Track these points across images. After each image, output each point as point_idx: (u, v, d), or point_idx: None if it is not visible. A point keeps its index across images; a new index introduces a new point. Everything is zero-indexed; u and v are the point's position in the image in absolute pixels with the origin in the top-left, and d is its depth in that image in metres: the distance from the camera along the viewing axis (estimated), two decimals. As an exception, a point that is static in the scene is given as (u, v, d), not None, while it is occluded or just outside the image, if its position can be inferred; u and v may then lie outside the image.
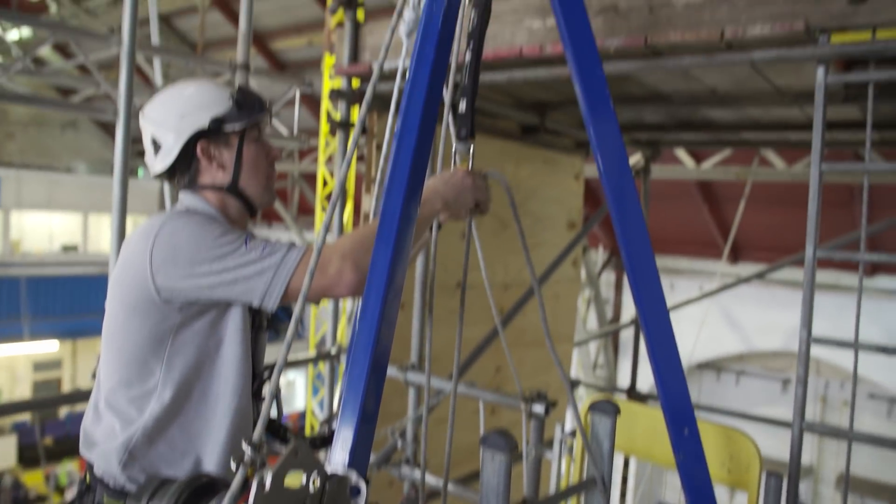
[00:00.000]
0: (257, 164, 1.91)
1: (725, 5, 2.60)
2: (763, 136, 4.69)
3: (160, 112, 1.86)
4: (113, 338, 1.75)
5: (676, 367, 1.67)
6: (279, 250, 1.66)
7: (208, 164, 1.86)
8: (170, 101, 1.87)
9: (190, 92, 1.87)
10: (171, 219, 1.72)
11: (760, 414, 6.26)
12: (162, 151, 1.85)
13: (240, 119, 1.85)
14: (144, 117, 1.89)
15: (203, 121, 1.82)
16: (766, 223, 9.56)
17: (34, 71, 3.08)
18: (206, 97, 1.85)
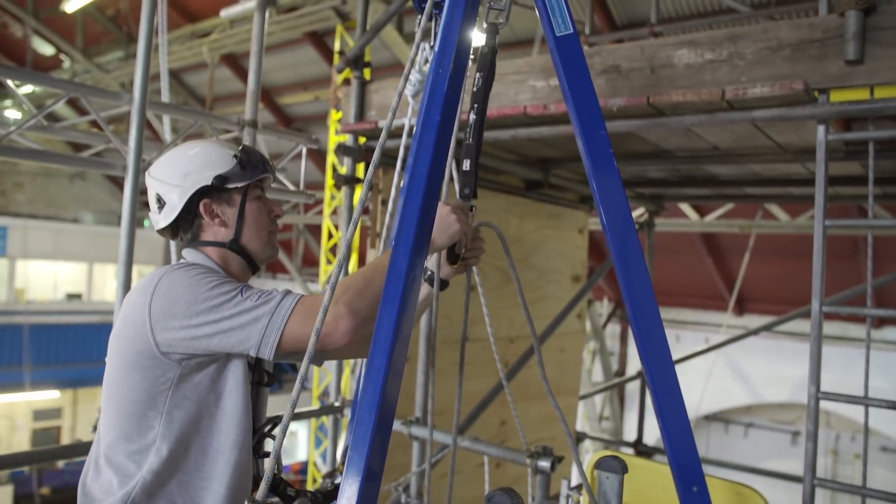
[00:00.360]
0: (259, 221, 1.94)
1: (725, 66, 2.66)
2: (766, 191, 4.73)
3: (165, 170, 1.90)
4: (113, 392, 1.75)
5: (683, 422, 1.67)
6: (274, 298, 1.67)
7: (210, 222, 1.89)
8: (175, 160, 1.91)
9: (194, 151, 1.91)
10: (169, 272, 1.75)
11: (770, 468, 6.17)
12: (166, 208, 1.88)
13: (242, 178, 1.89)
14: (150, 175, 1.93)
15: (206, 179, 1.85)
16: (772, 275, 9.58)
17: (45, 127, 3.14)
18: (210, 156, 1.89)
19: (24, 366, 14.41)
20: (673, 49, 2.78)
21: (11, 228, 16.47)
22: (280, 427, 1.26)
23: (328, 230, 8.99)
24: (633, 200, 5.47)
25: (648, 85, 2.81)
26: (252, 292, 1.69)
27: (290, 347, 1.65)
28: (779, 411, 10.85)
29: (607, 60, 2.94)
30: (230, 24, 10.59)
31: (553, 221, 4.94)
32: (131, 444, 1.71)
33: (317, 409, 3.97)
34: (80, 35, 13.33)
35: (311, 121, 12.97)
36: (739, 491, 2.32)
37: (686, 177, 4.54)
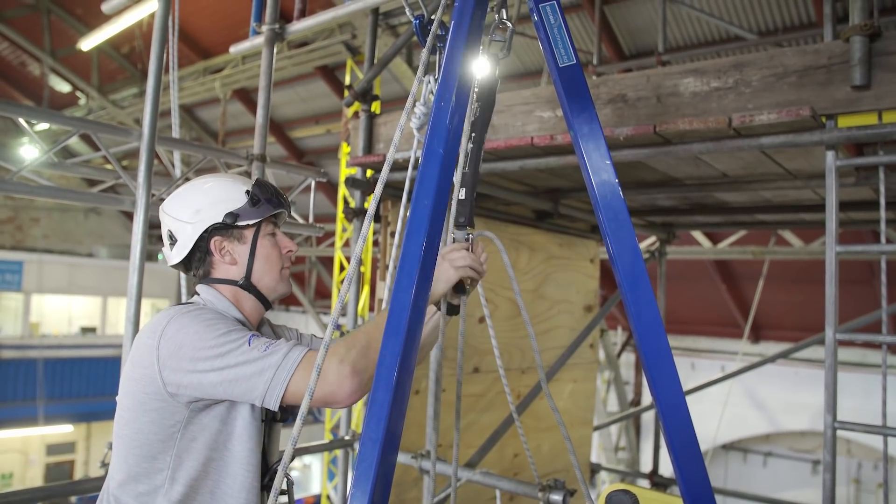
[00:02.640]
0: (270, 259, 1.92)
1: (732, 94, 2.66)
2: (777, 217, 4.70)
3: (177, 206, 1.88)
4: (123, 432, 1.74)
5: (695, 454, 1.63)
6: (280, 350, 1.64)
7: (221, 259, 1.88)
8: (187, 196, 1.89)
9: (207, 187, 1.90)
10: (178, 315, 1.73)
11: (791, 498, 6.06)
12: (178, 245, 1.87)
13: (254, 215, 1.87)
14: (163, 210, 1.92)
15: (216, 216, 1.84)
16: (787, 301, 9.49)
17: (57, 163, 3.17)
18: (222, 192, 1.88)
19: (37, 400, 14.44)
20: (679, 77, 2.79)
21: (27, 263, 16.61)
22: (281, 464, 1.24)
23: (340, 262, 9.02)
24: (644, 229, 5.45)
25: (655, 114, 2.81)
26: (259, 342, 1.67)
27: (293, 401, 1.64)
28: (798, 440, 10.67)
29: (613, 90, 2.94)
30: (242, 60, 10.73)
31: (564, 251, 4.93)
32: (140, 486, 1.70)
33: (327, 442, 3.94)
34: (95, 72, 13.56)
35: (322, 154, 13.07)
36: (756, 524, 2.27)
37: (696, 204, 4.53)
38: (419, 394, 3.64)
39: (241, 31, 4.70)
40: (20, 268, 16.56)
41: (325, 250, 13.14)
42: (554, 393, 4.59)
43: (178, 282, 4.36)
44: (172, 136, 3.53)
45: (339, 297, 1.41)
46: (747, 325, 8.95)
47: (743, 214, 4.62)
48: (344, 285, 1.31)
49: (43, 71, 14.35)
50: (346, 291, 1.49)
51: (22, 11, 12.66)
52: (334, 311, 1.53)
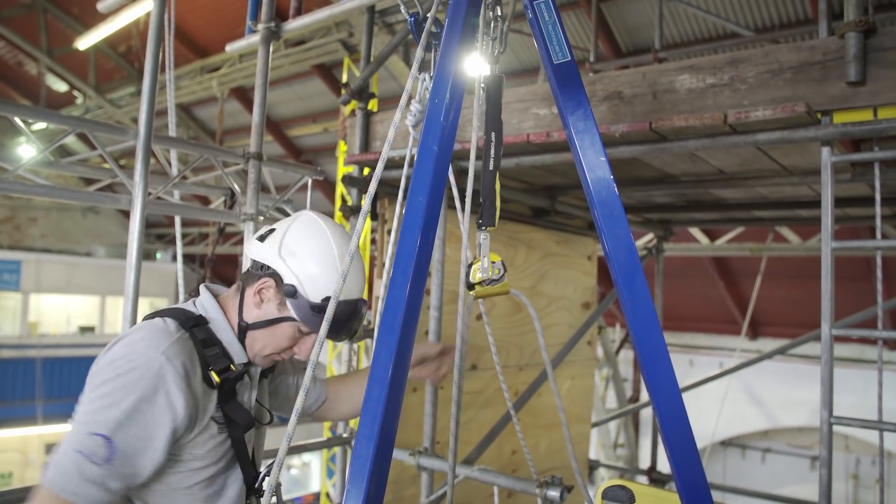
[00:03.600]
0: (276, 341, 1.81)
1: (727, 90, 2.67)
2: (774, 213, 4.70)
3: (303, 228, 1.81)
4: None
5: (692, 451, 1.64)
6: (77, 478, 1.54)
7: (252, 297, 1.80)
8: (319, 235, 1.78)
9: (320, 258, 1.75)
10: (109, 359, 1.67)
11: (790, 494, 6.06)
12: (260, 248, 1.81)
13: (301, 314, 1.76)
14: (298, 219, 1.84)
15: (290, 276, 1.75)
16: (785, 297, 9.50)
17: (53, 162, 3.17)
18: (317, 273, 1.74)
19: (36, 399, 14.44)
20: (675, 74, 2.79)
21: (25, 263, 16.62)
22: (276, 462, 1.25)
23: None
24: (641, 226, 5.46)
25: (651, 110, 2.81)
26: (112, 449, 1.56)
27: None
28: (796, 436, 10.69)
29: (609, 87, 2.94)
30: (239, 59, 10.73)
31: (561, 248, 4.93)
32: None
33: (325, 440, 3.94)
34: (92, 72, 13.54)
35: (320, 152, 13.07)
36: (753, 520, 2.27)
37: (693, 201, 4.53)
38: (417, 391, 3.64)
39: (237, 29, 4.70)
40: (18, 267, 16.56)
41: (323, 248, 13.13)
42: (552, 390, 4.59)
43: (176, 281, 4.36)
44: (169, 135, 3.53)
45: (334, 295, 1.41)
46: (745, 322, 8.96)
47: (740, 211, 4.62)
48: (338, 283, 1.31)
49: (40, 70, 14.34)
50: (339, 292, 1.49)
51: (18, 11, 12.64)
52: (330, 310, 1.53)
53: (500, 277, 1.78)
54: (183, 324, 1.74)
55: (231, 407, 1.76)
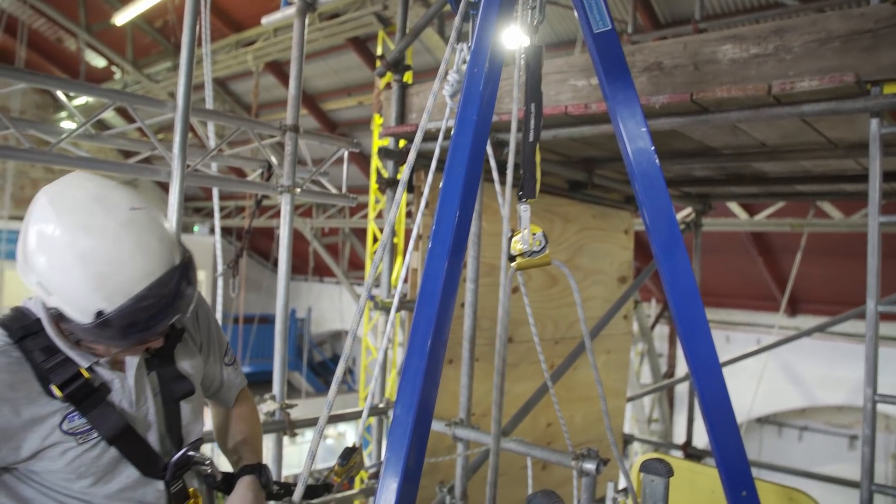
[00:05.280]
0: (113, 352, 1.57)
1: (772, 60, 2.60)
2: (817, 188, 4.60)
3: (35, 231, 1.42)
4: None
5: (732, 425, 1.63)
6: None
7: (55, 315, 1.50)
8: (48, 239, 1.40)
9: (59, 269, 1.40)
10: None
11: (827, 473, 5.99)
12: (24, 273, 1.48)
13: (93, 339, 1.49)
14: (37, 200, 1.45)
15: (47, 300, 1.46)
16: (825, 274, 9.31)
17: (94, 135, 3.22)
18: (68, 293, 1.41)
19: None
20: (717, 45, 2.72)
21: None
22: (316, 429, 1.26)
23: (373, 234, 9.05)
24: (679, 200, 5.38)
25: (692, 81, 2.75)
26: None
27: None
28: (835, 414, 10.54)
29: (649, 58, 2.89)
30: (274, 32, 10.73)
31: (598, 222, 4.89)
32: None
33: (361, 410, 3.98)
34: (130, 47, 13.68)
35: (355, 125, 13.07)
36: (792, 496, 2.26)
37: (733, 175, 4.45)
38: (453, 363, 3.66)
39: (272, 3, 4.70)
40: (61, 241, 16.90)
41: (358, 221, 13.21)
42: (587, 364, 4.58)
43: (213, 254, 4.42)
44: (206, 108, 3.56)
45: (372, 267, 1.42)
46: (784, 299, 8.81)
47: (781, 185, 4.53)
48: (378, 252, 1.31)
49: (79, 46, 14.51)
50: (381, 259, 1.49)
51: (58, -13, 12.81)
52: (367, 283, 1.53)
53: (542, 249, 1.77)
54: (12, 334, 1.51)
55: (95, 413, 1.53)
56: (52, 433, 1.49)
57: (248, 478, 1.79)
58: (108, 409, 1.55)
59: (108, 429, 1.55)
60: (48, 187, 1.44)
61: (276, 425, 3.39)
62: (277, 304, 3.41)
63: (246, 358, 13.18)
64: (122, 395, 1.59)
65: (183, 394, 1.70)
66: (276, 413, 3.39)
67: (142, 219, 1.45)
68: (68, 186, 1.45)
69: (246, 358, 13.18)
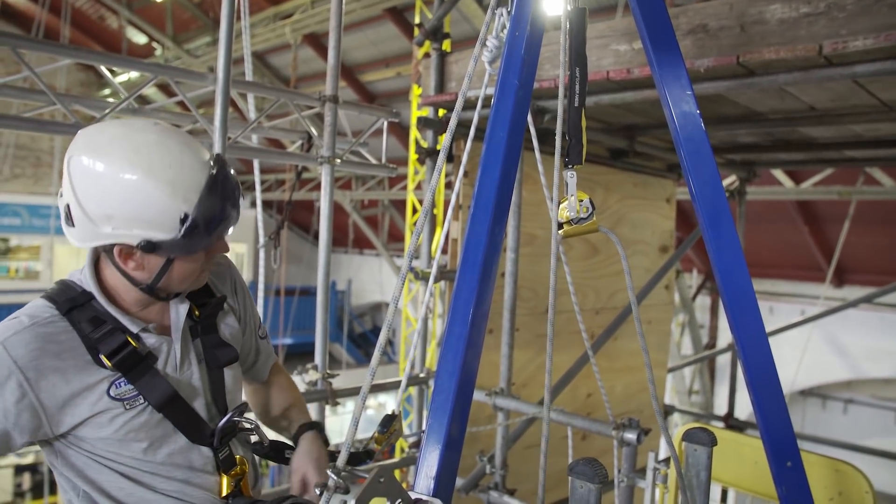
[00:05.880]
0: (190, 272, 1.60)
1: (823, 19, 2.50)
2: (868, 153, 4.46)
3: (87, 189, 1.46)
4: None
5: (777, 395, 1.60)
6: None
7: (123, 263, 1.54)
8: (105, 185, 1.44)
9: (132, 196, 1.43)
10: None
11: (872, 446, 5.89)
12: (74, 231, 1.52)
13: (183, 250, 1.51)
14: (69, 167, 1.48)
15: (131, 238, 1.47)
16: (874, 244, 9.08)
17: (137, 109, 3.26)
18: (150, 213, 1.44)
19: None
20: (765, 4, 2.63)
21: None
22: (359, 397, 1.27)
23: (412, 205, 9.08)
24: (723, 167, 5.27)
25: (738, 44, 2.67)
26: None
27: None
28: (882, 387, 10.33)
29: (694, 20, 2.81)
30: (311, 4, 10.73)
31: (639, 191, 4.82)
32: None
33: (401, 379, 4.02)
34: (169, 23, 13.81)
35: (393, 97, 13.05)
36: (838, 468, 2.22)
37: (780, 140, 4.33)
38: (493, 332, 3.66)
39: (310, -28, 4.67)
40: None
41: (397, 193, 13.26)
42: (628, 334, 4.55)
43: (255, 227, 4.47)
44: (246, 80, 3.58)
45: (414, 236, 1.41)
46: (830, 269, 8.62)
47: (830, 151, 4.40)
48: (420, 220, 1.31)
49: (120, 23, 14.70)
50: (422, 228, 1.49)
51: (98, -36, 12.95)
52: (408, 252, 1.53)
53: (589, 216, 1.74)
54: (59, 306, 1.54)
55: (144, 381, 1.57)
56: (100, 400, 1.53)
57: (309, 433, 1.85)
58: (155, 377, 1.59)
59: (156, 396, 1.58)
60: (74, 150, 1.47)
61: (319, 394, 3.43)
62: (318, 276, 3.43)
63: (287, 329, 13.37)
64: (168, 362, 1.63)
65: (227, 360, 1.73)
66: (319, 383, 3.44)
67: (167, 127, 1.54)
68: (91, 137, 1.49)
69: (287, 329, 13.37)
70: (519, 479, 3.78)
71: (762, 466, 1.68)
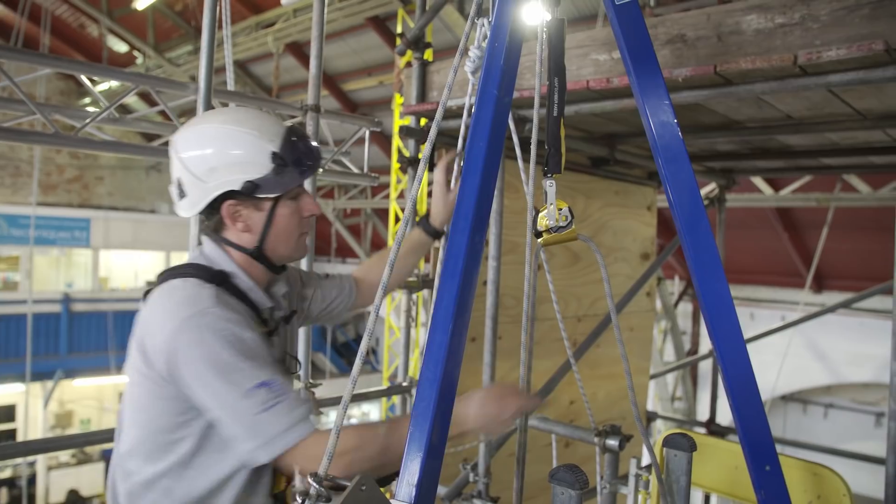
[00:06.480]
0: (289, 229, 1.77)
1: (798, 29, 2.55)
2: (844, 161, 4.52)
3: (191, 155, 1.69)
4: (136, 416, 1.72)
5: (755, 400, 1.62)
6: (282, 416, 1.50)
7: (233, 225, 1.73)
8: (203, 143, 1.68)
9: (227, 139, 1.67)
10: (193, 321, 1.57)
11: (853, 450, 5.95)
12: (186, 200, 1.73)
13: (277, 186, 1.68)
14: (175, 149, 1.72)
15: (234, 183, 1.66)
16: (852, 250, 9.20)
17: (118, 119, 3.24)
18: (245, 154, 1.65)
19: (109, 351, 15.10)
20: (741, 15, 2.67)
21: (94, 220, 17.23)
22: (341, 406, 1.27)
23: (395, 213, 9.09)
24: (702, 175, 5.32)
25: (716, 53, 2.71)
26: (268, 394, 1.52)
27: (278, 467, 1.61)
28: (861, 392, 10.44)
29: (672, 30, 2.84)
30: (293, 14, 10.73)
31: (620, 199, 4.85)
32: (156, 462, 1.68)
33: (385, 388, 4.02)
34: (151, 31, 13.76)
35: (375, 105, 13.07)
36: (816, 471, 2.24)
37: (758, 148, 4.39)
38: (475, 340, 3.67)
39: (292, -18, 4.69)
40: (87, 225, 17.18)
41: (380, 202, 13.26)
42: (610, 341, 4.58)
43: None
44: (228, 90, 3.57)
45: (396, 240, 1.42)
46: (809, 275, 8.72)
47: (807, 159, 4.46)
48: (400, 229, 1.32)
49: (101, 32, 14.62)
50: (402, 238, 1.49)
51: (79, -28, 12.87)
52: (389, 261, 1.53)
53: (568, 224, 1.76)
54: (208, 282, 1.68)
55: (273, 344, 1.80)
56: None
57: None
58: (272, 347, 1.75)
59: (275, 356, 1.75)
60: (175, 135, 1.74)
61: (302, 403, 3.42)
62: (301, 283, 3.43)
63: (270, 339, 13.34)
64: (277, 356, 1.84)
65: (295, 370, 1.98)
66: (301, 392, 3.42)
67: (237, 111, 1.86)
68: (185, 124, 1.76)
69: (270, 339, 13.34)
70: (502, 486, 3.78)
71: (742, 471, 1.70)
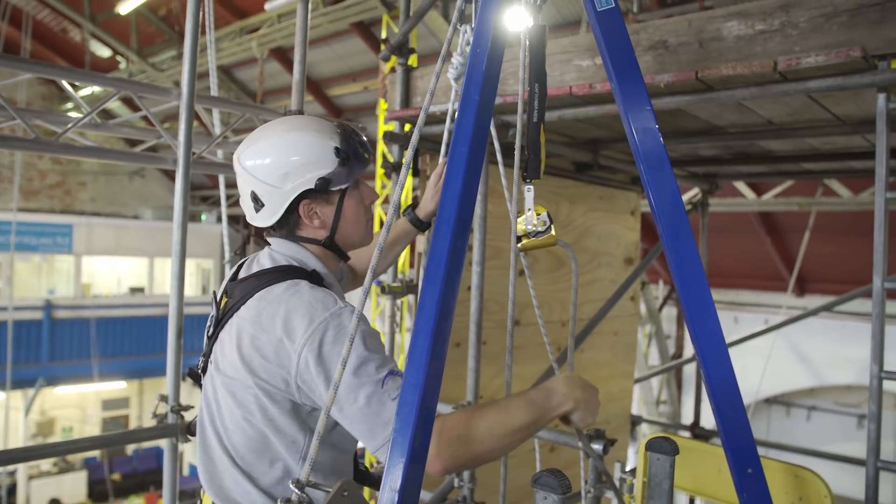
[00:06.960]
0: (357, 216, 1.87)
1: (778, 36, 2.58)
2: (825, 165, 4.57)
3: (262, 167, 1.77)
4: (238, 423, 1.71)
5: (737, 404, 1.63)
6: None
7: (309, 222, 1.82)
8: (271, 154, 1.77)
9: (292, 144, 1.76)
10: (329, 323, 1.62)
11: (835, 452, 5.99)
12: (265, 210, 1.80)
13: (345, 178, 1.79)
14: (243, 167, 1.80)
15: (308, 182, 1.75)
16: (834, 253, 9.28)
17: (100, 124, 3.23)
18: (310, 153, 1.75)
19: (92, 358, 14.94)
20: (722, 21, 2.70)
21: (76, 226, 17.06)
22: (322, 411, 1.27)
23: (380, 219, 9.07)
24: (685, 180, 5.36)
25: (697, 59, 2.74)
26: (391, 385, 1.57)
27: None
28: (843, 394, 10.52)
29: (654, 36, 2.87)
30: (278, 19, 10.71)
31: (604, 203, 4.88)
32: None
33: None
34: (134, 36, 13.67)
35: (360, 111, 13.07)
36: (798, 473, 2.26)
37: (740, 154, 4.42)
38: (460, 346, 3.67)
39: (275, -13, 4.68)
40: (70, 231, 17.01)
41: (364, 208, 13.22)
42: (594, 345, 4.59)
43: (221, 242, 4.44)
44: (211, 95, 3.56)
45: (378, 245, 1.42)
46: (792, 278, 8.79)
47: (789, 163, 4.50)
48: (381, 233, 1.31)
49: (84, 37, 14.52)
50: (383, 243, 1.50)
51: (61, -24, 12.78)
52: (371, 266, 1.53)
53: (547, 229, 1.77)
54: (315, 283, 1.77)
55: None
56: None
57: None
58: None
59: None
60: (238, 151, 1.83)
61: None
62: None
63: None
64: None
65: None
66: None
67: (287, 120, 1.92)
68: (245, 141, 1.85)
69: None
70: (487, 492, 3.78)
71: (724, 474, 1.71)
